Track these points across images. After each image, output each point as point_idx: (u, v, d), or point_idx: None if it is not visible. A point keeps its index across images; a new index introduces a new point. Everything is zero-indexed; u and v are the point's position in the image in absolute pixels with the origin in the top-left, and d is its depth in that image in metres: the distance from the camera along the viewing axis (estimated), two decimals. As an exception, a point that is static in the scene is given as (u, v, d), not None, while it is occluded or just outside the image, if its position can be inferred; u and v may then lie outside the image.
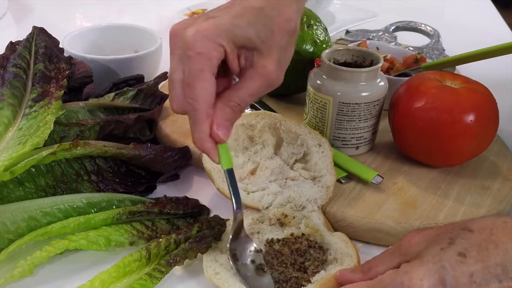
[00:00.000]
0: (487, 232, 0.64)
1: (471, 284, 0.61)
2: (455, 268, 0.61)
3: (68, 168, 0.91)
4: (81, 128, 0.97)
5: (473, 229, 0.65)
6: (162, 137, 1.07)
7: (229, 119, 0.75)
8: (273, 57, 0.74)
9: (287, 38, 0.76)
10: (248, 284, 0.77)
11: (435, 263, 0.62)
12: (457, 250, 0.63)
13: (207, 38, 0.71)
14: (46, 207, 0.83)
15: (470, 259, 0.62)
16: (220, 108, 0.75)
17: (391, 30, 1.48)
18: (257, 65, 0.74)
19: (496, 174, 0.97)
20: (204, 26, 0.72)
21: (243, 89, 0.75)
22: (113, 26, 1.33)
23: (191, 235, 0.83)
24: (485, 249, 0.62)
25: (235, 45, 0.73)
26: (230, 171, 0.78)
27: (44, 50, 1.03)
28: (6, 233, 0.80)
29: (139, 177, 0.97)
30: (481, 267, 0.61)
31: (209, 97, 0.73)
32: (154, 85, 1.10)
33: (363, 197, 0.91)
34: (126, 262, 0.77)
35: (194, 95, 0.73)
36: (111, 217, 0.83)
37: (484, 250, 0.62)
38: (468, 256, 0.62)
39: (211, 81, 0.72)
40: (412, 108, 0.94)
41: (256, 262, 0.80)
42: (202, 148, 0.75)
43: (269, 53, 0.74)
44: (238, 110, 0.76)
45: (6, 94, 0.94)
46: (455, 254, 0.62)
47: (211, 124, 0.74)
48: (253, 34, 0.73)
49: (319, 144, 0.93)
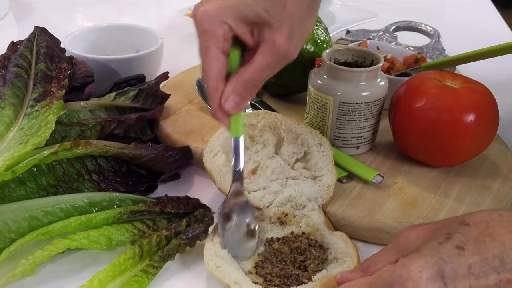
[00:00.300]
0: (483, 226, 0.64)
1: (469, 276, 0.61)
2: (454, 260, 0.61)
3: (69, 168, 0.91)
4: (83, 127, 0.97)
5: (469, 223, 0.65)
6: (163, 137, 1.07)
7: (239, 93, 0.78)
8: (284, 30, 0.76)
9: (302, 9, 0.78)
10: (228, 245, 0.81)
11: (433, 256, 0.62)
12: (455, 243, 0.63)
13: (211, 16, 0.75)
14: (47, 207, 0.83)
15: (468, 251, 0.62)
16: (230, 83, 0.78)
17: (391, 30, 1.48)
18: (267, 39, 0.76)
19: (496, 173, 0.97)
20: (211, 5, 0.75)
21: (254, 63, 0.77)
22: (114, 26, 1.33)
23: (181, 230, 0.84)
24: (482, 242, 0.62)
25: (243, 22, 0.76)
26: (235, 139, 0.82)
27: (45, 50, 1.03)
28: (7, 232, 0.80)
29: (140, 177, 0.97)
30: (479, 259, 0.61)
31: (216, 72, 0.77)
32: (155, 85, 1.10)
33: (364, 196, 0.91)
34: (121, 261, 0.77)
35: (204, 70, 0.78)
36: (112, 216, 0.83)
37: (482, 243, 0.62)
38: (466, 249, 0.62)
39: (217, 57, 0.76)
40: (412, 108, 0.94)
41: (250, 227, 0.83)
42: (215, 118, 0.80)
43: (279, 26, 0.76)
44: (251, 85, 0.78)
45: (7, 94, 0.94)
46: (453, 247, 0.62)
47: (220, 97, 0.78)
48: (260, 10, 0.75)
49: (319, 144, 0.93)
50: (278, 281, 0.77)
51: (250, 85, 0.78)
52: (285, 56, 0.78)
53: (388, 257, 0.68)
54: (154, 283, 0.79)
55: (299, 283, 0.77)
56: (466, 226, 0.65)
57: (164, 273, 0.81)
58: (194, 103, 1.15)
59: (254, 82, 0.78)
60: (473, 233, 0.64)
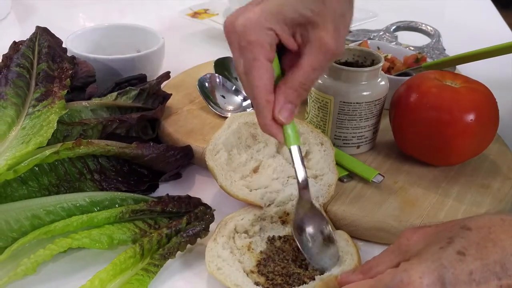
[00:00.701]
0: (485, 231, 0.64)
1: (470, 282, 0.61)
2: (455, 266, 0.61)
3: (71, 167, 0.92)
4: (84, 127, 0.97)
5: (471, 227, 0.65)
6: (164, 136, 1.08)
7: (291, 101, 0.75)
8: (329, 26, 0.73)
9: (342, 2, 0.76)
10: (310, 255, 0.79)
11: (434, 261, 0.62)
12: (456, 248, 0.63)
13: (256, 25, 0.72)
14: (49, 206, 0.83)
15: (469, 257, 0.62)
16: (281, 92, 0.75)
17: (392, 30, 1.48)
18: (313, 39, 0.74)
19: (496, 173, 0.98)
20: (252, 13, 0.72)
21: (304, 66, 0.75)
22: (116, 26, 1.33)
23: (181, 228, 0.84)
24: (484, 247, 0.62)
25: (287, 25, 0.73)
26: (293, 149, 0.79)
27: (47, 50, 1.03)
28: (9, 232, 0.80)
29: (141, 176, 0.98)
30: (480, 265, 0.61)
31: (266, 84, 0.74)
32: (157, 85, 1.10)
33: (364, 195, 0.92)
34: (122, 260, 0.78)
35: (251, 84, 0.74)
36: (114, 215, 0.83)
37: (483, 248, 0.62)
38: (467, 254, 0.62)
39: (266, 68, 0.73)
40: (412, 108, 0.94)
41: (324, 234, 0.81)
42: (268, 133, 0.77)
43: (323, 23, 0.73)
44: (302, 90, 0.76)
45: (9, 94, 0.94)
46: (454, 252, 0.62)
47: (273, 109, 0.75)
48: (303, 9, 0.72)
49: (321, 143, 0.94)
50: (280, 280, 0.78)
51: (302, 90, 0.76)
52: (334, 53, 0.75)
53: (390, 259, 0.68)
54: (155, 281, 0.79)
55: (300, 282, 0.77)
56: (468, 231, 0.65)
57: (165, 271, 0.82)
58: (195, 103, 1.15)
59: (306, 86, 0.76)
60: (475, 238, 0.64)
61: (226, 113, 1.12)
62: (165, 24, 1.62)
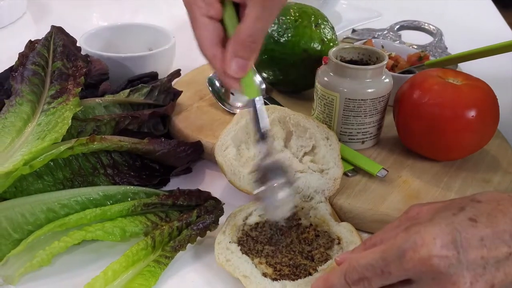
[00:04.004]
0: (494, 203, 0.65)
1: (481, 247, 0.61)
2: (467, 231, 0.61)
3: (85, 162, 0.93)
4: (98, 123, 0.98)
5: (481, 200, 0.66)
6: (175, 132, 1.08)
7: (240, 55, 0.74)
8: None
9: None
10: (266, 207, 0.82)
11: (448, 225, 0.62)
12: (468, 215, 0.63)
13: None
14: (63, 200, 0.84)
15: (480, 224, 0.62)
16: (229, 46, 0.74)
17: (395, 29, 1.48)
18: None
19: (496, 167, 0.98)
20: None
21: (247, 19, 0.73)
22: (128, 25, 1.34)
23: (192, 221, 0.85)
24: (494, 216, 0.63)
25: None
26: (252, 101, 0.79)
27: (62, 49, 1.04)
28: (25, 225, 0.81)
29: (153, 171, 0.98)
30: (491, 232, 0.62)
31: (207, 39, 0.75)
32: (168, 82, 1.11)
33: (369, 189, 0.93)
34: (134, 251, 0.78)
35: (197, 43, 0.76)
36: (126, 208, 0.84)
37: (493, 217, 0.63)
38: (479, 221, 0.62)
39: (204, 24, 0.74)
40: (416, 104, 0.95)
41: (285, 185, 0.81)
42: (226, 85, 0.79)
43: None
44: (250, 42, 0.74)
45: (25, 91, 0.95)
46: (466, 219, 0.63)
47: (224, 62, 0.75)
48: None
49: (327, 138, 0.94)
50: (287, 271, 0.79)
51: (249, 43, 0.74)
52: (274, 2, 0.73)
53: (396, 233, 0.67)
54: (166, 272, 0.81)
55: (307, 274, 0.78)
56: (478, 203, 0.65)
57: (176, 263, 0.83)
58: (205, 100, 1.16)
59: (252, 38, 0.74)
60: (485, 208, 0.64)
61: (234, 109, 1.12)
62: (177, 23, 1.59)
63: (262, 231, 0.85)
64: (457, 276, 0.61)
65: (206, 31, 0.75)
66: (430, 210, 0.68)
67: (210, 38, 0.75)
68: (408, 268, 0.62)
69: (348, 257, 0.70)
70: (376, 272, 0.64)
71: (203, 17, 0.74)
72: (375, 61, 1.01)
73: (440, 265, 0.61)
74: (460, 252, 0.61)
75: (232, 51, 0.74)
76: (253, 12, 0.73)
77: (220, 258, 0.79)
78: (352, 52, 1.03)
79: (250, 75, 0.78)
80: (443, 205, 0.68)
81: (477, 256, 0.61)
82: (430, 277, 0.62)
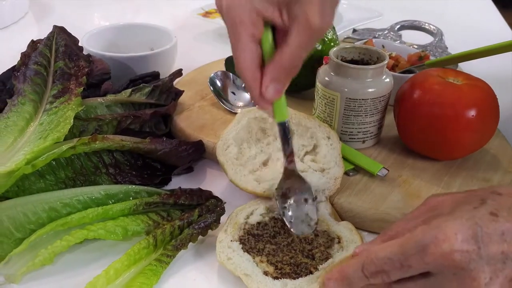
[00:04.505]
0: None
1: (502, 242, 0.61)
2: (487, 225, 0.61)
3: (87, 161, 0.93)
4: (100, 123, 0.98)
5: (501, 192, 0.66)
6: (177, 132, 1.09)
7: (277, 80, 0.75)
8: (315, 4, 0.71)
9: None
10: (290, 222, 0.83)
11: (468, 219, 0.62)
12: (489, 209, 0.63)
13: (238, 5, 0.72)
14: (65, 199, 0.84)
15: (501, 218, 0.62)
16: (268, 70, 0.74)
17: (396, 29, 1.48)
18: (298, 15, 0.72)
19: (496, 166, 0.98)
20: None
21: (289, 45, 0.73)
22: (130, 25, 1.34)
23: (193, 220, 0.85)
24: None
25: (271, 3, 0.72)
26: (282, 124, 0.81)
27: (64, 48, 1.04)
28: (27, 224, 0.81)
29: (155, 170, 0.99)
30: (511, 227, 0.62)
31: (250, 62, 0.74)
32: (169, 82, 1.11)
33: (369, 188, 0.93)
34: (136, 250, 0.79)
35: (237, 63, 0.75)
36: (128, 208, 0.84)
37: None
38: (500, 215, 0.62)
39: (249, 48, 0.73)
40: (416, 104, 0.95)
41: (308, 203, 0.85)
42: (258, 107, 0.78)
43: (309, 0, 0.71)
44: (289, 69, 0.74)
45: (27, 90, 0.95)
46: (487, 213, 0.63)
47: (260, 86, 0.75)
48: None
49: (328, 137, 0.94)
50: (288, 269, 0.79)
51: (288, 69, 0.74)
52: (319, 31, 0.73)
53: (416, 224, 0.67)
54: (168, 271, 0.81)
55: (307, 272, 0.78)
56: (499, 196, 0.66)
57: (178, 261, 0.83)
58: (206, 99, 1.16)
59: (292, 65, 0.74)
60: (506, 202, 0.64)
61: (236, 109, 1.12)
62: (178, 23, 1.62)
63: (263, 230, 0.85)
64: (477, 271, 0.61)
65: (250, 53, 0.74)
66: (450, 202, 0.68)
67: (253, 60, 0.74)
68: (429, 262, 0.62)
69: (366, 249, 0.70)
70: (395, 265, 0.64)
71: (249, 38, 0.73)
72: (376, 61, 1.01)
73: (462, 260, 0.61)
74: (481, 247, 0.61)
75: (271, 75, 0.75)
76: (298, 39, 0.73)
77: (221, 257, 0.80)
78: (352, 52, 1.03)
79: (283, 99, 0.79)
80: (463, 197, 0.68)
81: (497, 251, 0.61)
82: (451, 272, 0.62)
